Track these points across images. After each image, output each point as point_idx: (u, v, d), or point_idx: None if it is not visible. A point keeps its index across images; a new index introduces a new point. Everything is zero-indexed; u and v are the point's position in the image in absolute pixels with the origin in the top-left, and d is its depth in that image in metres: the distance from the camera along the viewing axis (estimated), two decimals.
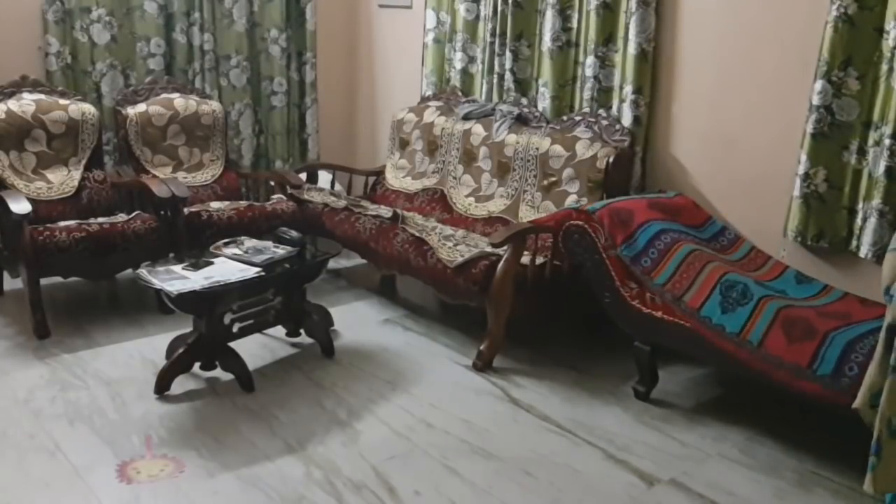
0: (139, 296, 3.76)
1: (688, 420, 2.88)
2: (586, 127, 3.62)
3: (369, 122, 5.22)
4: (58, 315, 3.56)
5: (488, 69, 4.17)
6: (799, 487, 2.48)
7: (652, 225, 3.06)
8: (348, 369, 3.22)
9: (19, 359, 3.18)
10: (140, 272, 2.90)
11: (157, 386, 2.92)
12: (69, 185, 3.79)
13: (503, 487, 2.44)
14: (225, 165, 4.37)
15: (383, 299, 4.06)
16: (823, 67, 2.87)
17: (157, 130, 4.19)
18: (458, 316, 3.70)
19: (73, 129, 3.85)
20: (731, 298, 2.70)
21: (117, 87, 4.28)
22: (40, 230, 3.34)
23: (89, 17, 4.15)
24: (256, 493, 2.36)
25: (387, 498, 2.36)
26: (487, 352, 3.24)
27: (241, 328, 3.07)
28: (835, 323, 2.55)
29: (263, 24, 4.71)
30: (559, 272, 3.22)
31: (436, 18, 4.46)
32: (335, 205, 4.07)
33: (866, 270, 2.94)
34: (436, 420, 2.83)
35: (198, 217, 3.78)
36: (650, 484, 2.48)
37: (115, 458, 2.51)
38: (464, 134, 4.10)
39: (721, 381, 3.21)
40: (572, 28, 3.77)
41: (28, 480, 2.38)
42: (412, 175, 4.39)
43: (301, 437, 2.67)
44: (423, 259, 3.39)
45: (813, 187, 2.98)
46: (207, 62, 4.52)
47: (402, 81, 4.84)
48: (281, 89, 4.84)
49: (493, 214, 3.85)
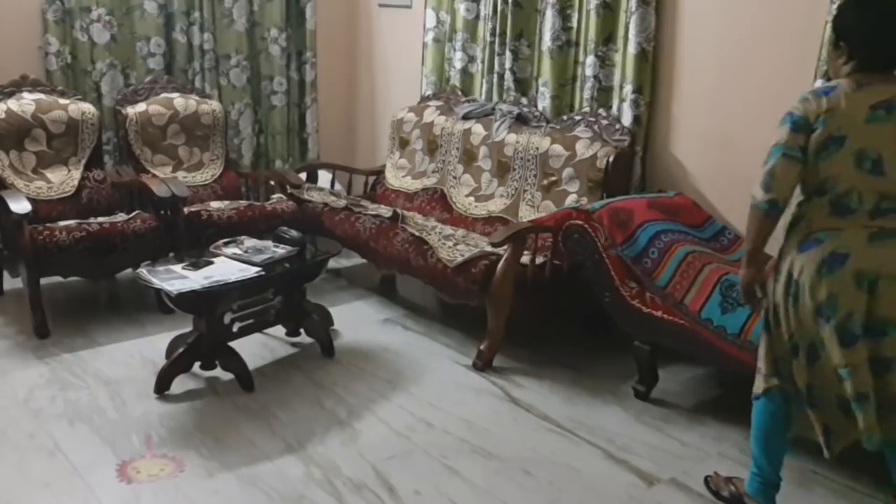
0: (139, 295, 3.76)
1: (688, 420, 2.88)
2: (586, 126, 3.62)
3: (369, 122, 5.22)
4: (58, 315, 3.56)
5: (488, 69, 4.17)
6: (799, 487, 2.48)
7: (652, 225, 3.06)
8: (348, 369, 3.22)
9: (19, 358, 3.18)
10: (140, 272, 2.91)
11: (157, 385, 2.92)
12: (69, 184, 3.79)
13: (503, 487, 2.44)
14: (225, 165, 4.37)
15: (383, 299, 4.06)
16: (823, 67, 2.87)
17: (157, 130, 4.19)
18: (457, 315, 3.70)
19: (72, 128, 3.85)
20: (730, 298, 2.70)
21: (117, 86, 4.28)
22: (40, 230, 3.34)
23: (89, 16, 4.15)
24: (256, 492, 2.36)
25: (387, 497, 2.36)
26: (487, 351, 3.24)
27: (241, 328, 3.07)
28: None
29: (263, 23, 4.71)
30: (559, 272, 3.22)
31: (436, 18, 4.45)
32: (335, 204, 4.07)
33: None
34: (436, 420, 2.83)
35: (198, 217, 3.78)
36: (650, 483, 2.49)
37: (114, 457, 2.51)
38: (464, 133, 4.10)
39: (721, 381, 3.21)
40: (572, 27, 3.77)
41: (28, 480, 2.38)
42: (412, 174, 4.39)
43: (301, 437, 2.67)
44: (423, 258, 3.39)
45: None
46: (207, 62, 4.51)
47: (402, 81, 4.84)
48: (281, 89, 4.84)
49: (493, 214, 3.85)
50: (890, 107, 1.95)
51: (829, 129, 1.95)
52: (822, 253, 1.98)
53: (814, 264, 1.99)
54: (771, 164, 2.00)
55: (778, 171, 1.99)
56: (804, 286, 2.01)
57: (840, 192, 1.98)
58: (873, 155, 1.95)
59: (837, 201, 1.99)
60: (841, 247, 1.97)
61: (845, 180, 1.97)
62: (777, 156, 1.99)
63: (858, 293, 1.97)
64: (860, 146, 1.95)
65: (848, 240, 1.97)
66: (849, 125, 1.95)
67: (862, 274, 1.96)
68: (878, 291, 1.96)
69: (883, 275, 1.96)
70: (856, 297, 1.97)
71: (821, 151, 1.97)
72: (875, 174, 1.96)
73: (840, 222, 1.99)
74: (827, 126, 1.95)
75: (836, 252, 1.97)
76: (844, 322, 1.98)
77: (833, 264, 1.97)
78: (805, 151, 1.98)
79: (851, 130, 1.95)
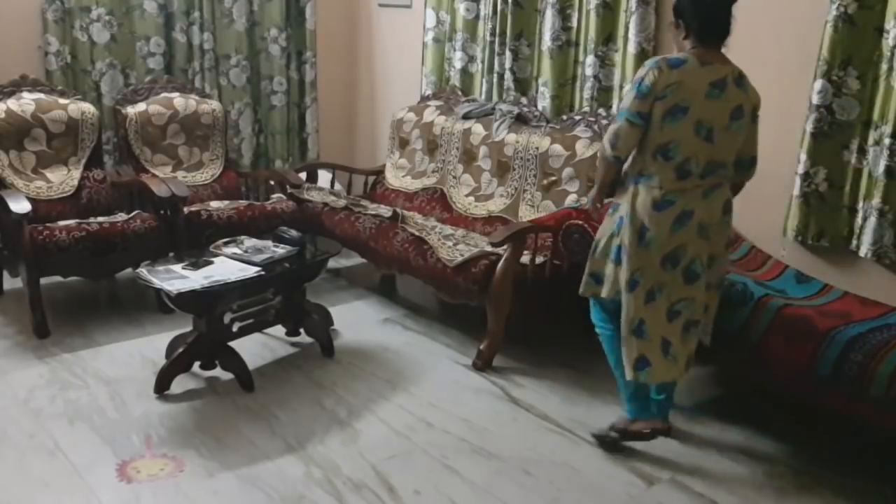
0: (139, 295, 3.76)
1: (688, 420, 2.88)
2: (586, 126, 3.62)
3: (369, 122, 5.22)
4: (58, 314, 3.56)
5: (488, 68, 4.17)
6: (799, 487, 2.48)
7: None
8: (348, 369, 3.21)
9: (19, 358, 3.18)
10: (140, 271, 2.90)
11: (157, 385, 2.92)
12: (69, 184, 3.79)
13: (503, 486, 2.44)
14: (225, 165, 4.37)
15: (383, 299, 4.06)
16: (823, 67, 2.87)
17: (157, 130, 4.19)
18: (457, 315, 3.70)
19: (72, 128, 3.85)
20: (729, 299, 2.70)
21: (117, 86, 4.29)
22: (40, 230, 3.34)
23: (89, 16, 4.15)
24: (256, 492, 2.36)
25: (386, 497, 2.36)
26: (487, 351, 3.24)
27: (241, 327, 3.07)
28: (835, 322, 2.56)
29: (263, 23, 4.71)
30: (559, 272, 3.22)
31: (435, 18, 4.46)
32: (335, 204, 4.07)
33: (866, 270, 2.94)
34: (435, 419, 2.83)
35: (197, 216, 3.78)
36: (650, 483, 2.48)
37: (114, 457, 2.51)
38: (463, 133, 4.10)
39: (721, 381, 3.21)
40: (572, 27, 3.77)
41: (28, 480, 2.38)
42: (412, 174, 4.39)
43: (301, 437, 2.67)
44: (423, 258, 3.39)
45: (813, 186, 2.98)
46: (207, 61, 4.51)
47: (402, 81, 4.84)
48: (281, 88, 4.84)
49: (493, 214, 3.85)
50: (723, 85, 2.32)
51: (676, 99, 2.30)
52: (675, 213, 2.37)
53: (668, 222, 2.38)
54: (616, 126, 2.40)
55: (622, 133, 2.38)
56: (656, 239, 2.39)
57: (681, 160, 2.35)
58: (708, 125, 2.33)
59: (680, 167, 2.35)
60: (687, 205, 2.37)
61: (685, 145, 2.33)
62: (621, 120, 2.38)
63: (700, 240, 2.41)
64: (699, 117, 2.32)
65: (691, 199, 2.38)
66: (692, 98, 2.30)
67: (702, 224, 2.39)
68: (710, 236, 2.42)
69: (713, 223, 2.41)
70: (698, 243, 2.41)
71: (667, 116, 2.32)
72: (708, 142, 2.34)
73: (684, 184, 2.37)
74: (674, 96, 2.30)
75: (685, 210, 2.37)
76: (690, 264, 2.42)
77: (683, 220, 2.38)
78: (646, 117, 2.34)
79: (693, 103, 2.31)
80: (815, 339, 2.47)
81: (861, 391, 2.33)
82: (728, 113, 2.34)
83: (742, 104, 2.36)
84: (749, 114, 2.40)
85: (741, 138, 2.41)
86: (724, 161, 2.39)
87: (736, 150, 2.41)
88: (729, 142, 2.38)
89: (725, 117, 2.34)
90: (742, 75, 2.38)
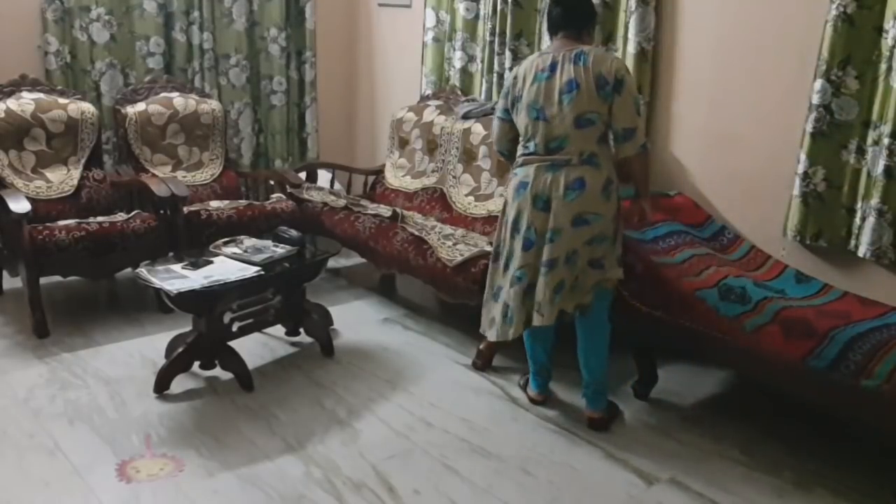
0: (139, 295, 3.76)
1: (687, 420, 2.88)
2: None
3: (369, 121, 5.22)
4: (57, 314, 3.56)
5: (488, 68, 4.17)
6: (799, 487, 2.48)
7: (652, 229, 3.07)
8: (348, 368, 3.22)
9: (19, 358, 3.18)
10: (139, 271, 2.90)
11: (157, 385, 2.92)
12: (68, 184, 3.79)
13: (502, 486, 2.44)
14: (224, 164, 4.37)
15: (383, 298, 4.06)
16: (823, 67, 2.87)
17: (157, 129, 4.19)
18: (457, 315, 3.70)
19: (72, 128, 3.85)
20: (728, 300, 2.70)
21: (117, 86, 4.29)
22: (40, 229, 3.34)
23: (88, 16, 4.15)
24: (256, 492, 2.36)
25: (386, 497, 2.36)
26: (487, 351, 3.24)
27: (241, 327, 3.07)
28: (834, 322, 2.56)
29: (263, 22, 4.71)
30: None
31: (435, 17, 4.46)
32: (335, 204, 4.07)
33: (865, 269, 2.94)
34: (435, 419, 2.83)
35: (197, 216, 3.78)
36: (649, 483, 2.49)
37: (114, 457, 2.51)
38: (463, 133, 4.10)
39: (721, 381, 3.21)
40: None
41: (28, 480, 2.38)
42: (412, 174, 4.39)
43: (301, 437, 2.67)
44: (423, 258, 3.39)
45: (812, 186, 2.98)
46: (207, 61, 4.52)
47: (402, 80, 4.84)
48: (280, 88, 4.84)
49: (493, 213, 3.84)
50: (554, 66, 2.56)
51: (515, 91, 2.67)
52: (516, 182, 2.67)
53: (512, 190, 2.69)
54: (493, 124, 2.87)
55: (495, 130, 2.84)
56: (505, 208, 2.73)
57: (527, 141, 2.65)
58: (537, 106, 2.58)
59: (526, 145, 2.66)
60: (525, 177, 2.64)
61: (528, 127, 2.62)
62: (495, 118, 2.83)
63: (535, 210, 2.61)
64: (528, 101, 2.60)
65: (528, 172, 2.63)
66: (523, 86, 2.63)
67: (537, 195, 2.60)
68: (553, 208, 2.58)
69: (554, 196, 2.58)
70: (533, 213, 2.62)
71: (513, 108, 2.69)
72: (542, 120, 2.58)
73: (527, 159, 2.65)
74: (514, 89, 2.67)
75: (522, 181, 2.64)
76: (526, 232, 2.64)
77: (520, 189, 2.64)
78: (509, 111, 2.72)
79: (524, 90, 2.62)
80: (815, 338, 2.46)
81: (858, 388, 2.32)
82: (557, 89, 2.54)
83: (575, 77, 2.51)
84: (596, 84, 2.49)
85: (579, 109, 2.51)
86: (562, 134, 2.55)
87: (573, 119, 2.52)
88: (563, 116, 2.54)
89: (554, 94, 2.55)
90: (584, 52, 2.53)
